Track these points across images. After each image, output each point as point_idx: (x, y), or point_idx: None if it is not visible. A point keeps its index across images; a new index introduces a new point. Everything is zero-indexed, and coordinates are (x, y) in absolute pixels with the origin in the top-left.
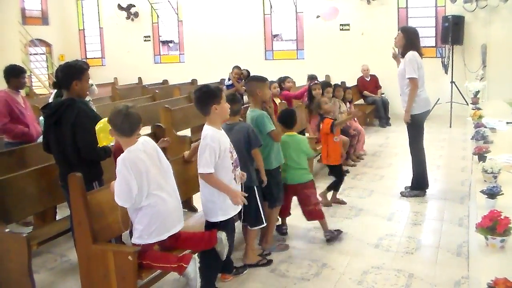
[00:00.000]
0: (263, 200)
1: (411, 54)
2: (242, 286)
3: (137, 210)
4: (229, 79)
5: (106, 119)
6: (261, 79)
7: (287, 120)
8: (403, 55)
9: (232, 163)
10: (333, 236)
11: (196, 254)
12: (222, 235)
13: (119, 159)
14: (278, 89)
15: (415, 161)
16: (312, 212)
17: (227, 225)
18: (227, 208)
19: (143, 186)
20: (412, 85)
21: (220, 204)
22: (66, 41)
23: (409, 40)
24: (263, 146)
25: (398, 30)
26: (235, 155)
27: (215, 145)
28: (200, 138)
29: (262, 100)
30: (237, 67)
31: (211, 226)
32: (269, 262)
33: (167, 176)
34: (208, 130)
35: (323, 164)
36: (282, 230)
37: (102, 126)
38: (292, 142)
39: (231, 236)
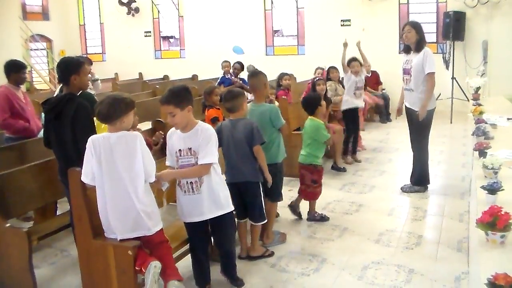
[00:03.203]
0: (264, 195)
1: (429, 50)
2: None
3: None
4: (224, 74)
5: None
6: (264, 74)
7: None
8: (418, 50)
9: (177, 168)
10: (313, 218)
11: (155, 262)
12: (151, 266)
13: None
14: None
15: (418, 159)
16: (302, 191)
17: (188, 229)
18: (181, 215)
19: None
20: (431, 80)
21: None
22: (67, 37)
23: (421, 34)
24: (272, 140)
25: (406, 25)
26: (181, 163)
27: (168, 139)
28: None
29: (266, 94)
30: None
31: None
32: (272, 253)
33: (115, 181)
34: None
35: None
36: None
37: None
38: (307, 126)
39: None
